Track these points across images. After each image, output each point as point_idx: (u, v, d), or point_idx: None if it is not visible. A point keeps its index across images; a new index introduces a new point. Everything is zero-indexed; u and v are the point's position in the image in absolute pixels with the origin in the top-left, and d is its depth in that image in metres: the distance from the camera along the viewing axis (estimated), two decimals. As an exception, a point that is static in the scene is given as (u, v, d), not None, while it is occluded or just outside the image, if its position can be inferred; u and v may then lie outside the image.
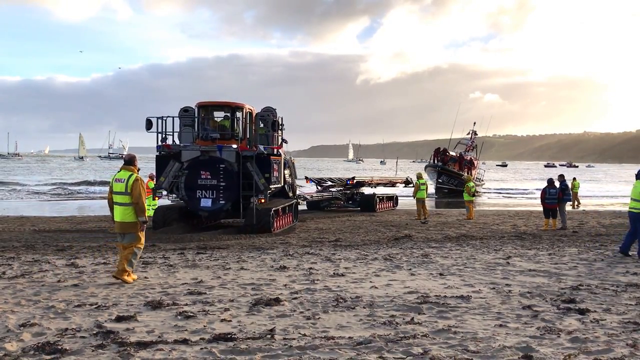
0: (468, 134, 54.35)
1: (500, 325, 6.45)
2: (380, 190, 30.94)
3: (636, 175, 12.69)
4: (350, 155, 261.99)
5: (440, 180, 44.49)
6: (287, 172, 19.96)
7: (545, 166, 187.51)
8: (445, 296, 7.94)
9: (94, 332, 6.02)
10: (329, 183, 28.14)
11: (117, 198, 8.90)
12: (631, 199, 12.53)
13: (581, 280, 9.29)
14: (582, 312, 7.07)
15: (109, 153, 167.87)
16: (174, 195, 17.32)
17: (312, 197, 25.44)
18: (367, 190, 29.28)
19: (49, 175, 72.28)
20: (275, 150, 17.91)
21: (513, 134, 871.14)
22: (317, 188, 27.65)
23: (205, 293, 8.00)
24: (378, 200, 27.38)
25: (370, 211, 26.16)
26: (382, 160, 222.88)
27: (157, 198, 18.76)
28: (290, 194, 20.83)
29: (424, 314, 6.99)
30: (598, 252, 12.95)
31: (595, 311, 7.16)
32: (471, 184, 23.90)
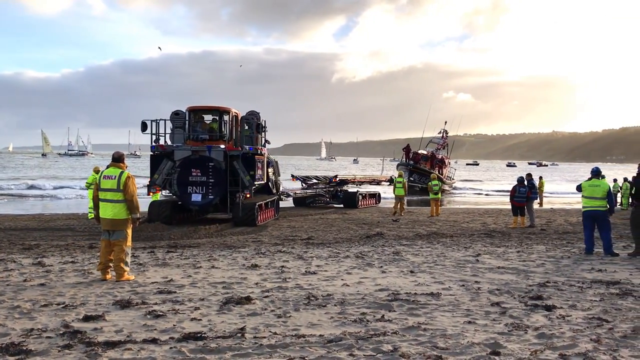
0: (439, 132, 54.98)
1: (469, 322, 6.53)
2: (364, 188, 31.74)
3: (593, 173, 12.61)
4: (323, 154, 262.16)
5: (412, 179, 44.91)
6: (270, 170, 21.57)
7: (507, 165, 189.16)
8: (415, 293, 8.01)
9: (61, 332, 5.91)
10: (314, 181, 29.30)
11: (106, 195, 8.78)
12: (594, 198, 12.52)
13: (548, 277, 9.47)
14: (548, 308, 7.21)
15: (67, 150, 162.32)
16: (166, 190, 18.77)
17: (296, 193, 26.64)
18: (351, 188, 30.07)
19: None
20: (259, 150, 19.29)
21: (484, 133, 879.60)
22: (302, 185, 28.75)
23: (175, 292, 7.92)
24: (361, 198, 28.76)
25: (352, 207, 27.35)
26: (355, 158, 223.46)
27: (151, 193, 19.67)
28: (274, 191, 22.39)
29: (394, 311, 7.04)
30: (565, 249, 13.22)
31: (561, 307, 7.30)
32: (434, 182, 24.03)
